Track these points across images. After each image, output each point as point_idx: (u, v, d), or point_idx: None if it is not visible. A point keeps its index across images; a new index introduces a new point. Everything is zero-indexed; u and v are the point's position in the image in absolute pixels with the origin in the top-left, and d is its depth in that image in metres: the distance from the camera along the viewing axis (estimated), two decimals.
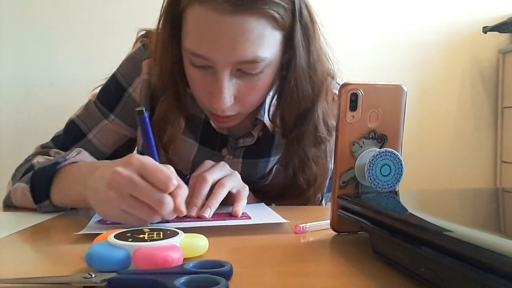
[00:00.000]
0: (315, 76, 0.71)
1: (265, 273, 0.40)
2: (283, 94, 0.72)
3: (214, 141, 0.79)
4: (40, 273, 0.39)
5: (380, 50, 1.85)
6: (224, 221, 0.56)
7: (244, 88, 0.66)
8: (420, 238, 0.33)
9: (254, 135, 0.78)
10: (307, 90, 0.71)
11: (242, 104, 0.68)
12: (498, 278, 0.25)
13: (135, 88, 0.78)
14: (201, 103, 0.72)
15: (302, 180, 0.76)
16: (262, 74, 0.66)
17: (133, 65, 0.79)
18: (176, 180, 0.51)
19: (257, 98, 0.70)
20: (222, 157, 0.79)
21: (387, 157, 0.48)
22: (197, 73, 0.66)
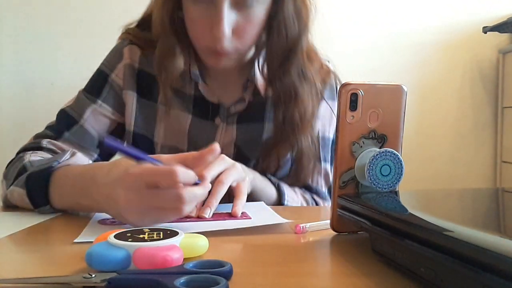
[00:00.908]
0: (300, 20, 0.77)
1: (265, 273, 0.40)
2: (270, 40, 0.77)
3: (207, 112, 0.82)
4: (40, 273, 0.39)
5: (380, 50, 1.85)
6: (224, 222, 0.56)
7: (241, 21, 0.72)
8: (420, 238, 0.33)
9: (246, 98, 0.81)
10: (290, 33, 0.76)
11: (239, 38, 0.73)
12: (498, 278, 0.25)
13: (118, 73, 0.83)
14: (200, 42, 0.75)
15: (290, 118, 0.78)
16: (256, 8, 0.72)
17: (114, 53, 0.85)
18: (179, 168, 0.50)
19: (251, 34, 0.74)
20: (216, 126, 0.82)
21: (387, 157, 0.48)
22: (198, 10, 0.71)
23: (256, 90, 0.82)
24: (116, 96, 0.83)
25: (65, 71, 1.75)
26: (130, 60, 0.82)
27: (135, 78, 0.82)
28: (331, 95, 0.87)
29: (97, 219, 0.58)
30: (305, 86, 0.79)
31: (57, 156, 0.68)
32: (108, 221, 0.56)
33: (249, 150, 0.82)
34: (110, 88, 0.82)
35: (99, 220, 0.57)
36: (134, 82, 0.82)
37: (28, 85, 1.75)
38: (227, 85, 0.83)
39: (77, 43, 1.75)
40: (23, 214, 0.65)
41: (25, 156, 0.74)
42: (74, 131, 0.81)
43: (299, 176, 0.83)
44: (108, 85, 0.82)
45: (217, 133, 0.82)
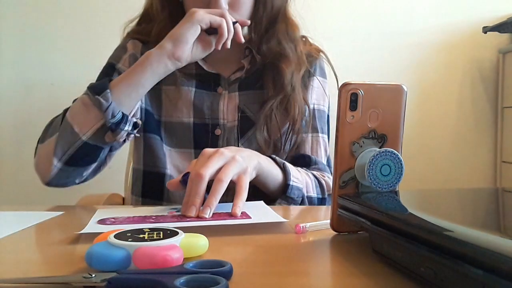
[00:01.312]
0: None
1: (265, 273, 0.40)
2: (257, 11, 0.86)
3: (209, 83, 0.88)
4: (40, 273, 0.39)
5: (380, 50, 1.85)
6: (224, 221, 0.56)
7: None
8: (420, 238, 0.33)
9: (245, 64, 0.88)
10: (275, 3, 0.86)
11: (234, 11, 0.81)
12: (498, 278, 0.25)
13: (123, 62, 0.89)
14: None
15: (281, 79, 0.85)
16: None
17: (119, 49, 0.92)
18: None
19: (245, 6, 0.83)
20: (219, 94, 0.88)
21: (387, 157, 0.48)
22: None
23: (254, 59, 0.88)
24: None
25: (65, 71, 1.75)
26: (134, 51, 0.89)
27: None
28: (321, 72, 0.94)
29: (97, 219, 0.58)
30: (291, 48, 0.87)
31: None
32: (108, 221, 0.56)
33: (252, 112, 0.87)
34: (117, 74, 0.86)
35: (99, 220, 0.57)
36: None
37: (28, 85, 1.75)
38: (226, 56, 0.88)
39: (77, 43, 1.75)
40: (23, 214, 0.65)
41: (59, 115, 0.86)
42: None
43: (300, 147, 0.87)
44: (116, 72, 0.88)
45: (220, 101, 0.88)
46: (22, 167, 1.69)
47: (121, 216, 0.59)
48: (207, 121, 0.87)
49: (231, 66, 0.90)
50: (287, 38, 0.87)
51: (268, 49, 0.87)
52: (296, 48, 0.88)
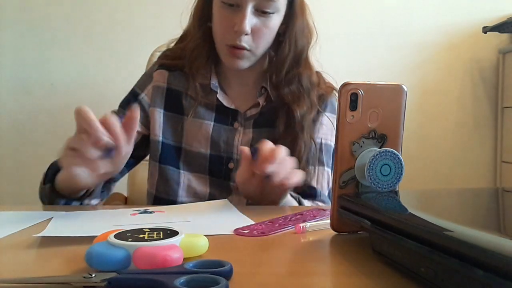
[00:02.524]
0: (305, 37, 0.92)
1: (265, 273, 0.40)
2: (279, 50, 0.91)
3: (226, 118, 0.93)
4: (40, 273, 0.39)
5: (380, 50, 1.85)
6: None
7: (258, 25, 0.85)
8: (420, 238, 0.33)
9: (260, 102, 0.93)
10: (299, 45, 0.91)
11: (254, 39, 0.86)
12: (498, 278, 0.25)
13: (146, 93, 0.95)
14: (221, 39, 0.88)
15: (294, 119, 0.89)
16: (273, 17, 0.86)
17: (146, 77, 0.98)
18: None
19: (266, 38, 0.88)
20: (235, 129, 0.93)
21: (387, 157, 0.48)
22: (225, 11, 0.85)
23: (269, 97, 0.93)
24: (143, 111, 0.94)
25: (65, 71, 1.75)
26: (159, 82, 0.95)
27: (164, 96, 0.94)
28: (331, 109, 0.97)
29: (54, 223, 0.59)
30: (308, 93, 0.91)
31: None
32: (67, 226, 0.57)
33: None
34: (139, 103, 0.94)
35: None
36: (162, 100, 0.94)
37: (28, 85, 1.75)
38: (244, 92, 0.95)
39: (77, 44, 1.75)
40: (23, 214, 0.65)
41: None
42: None
43: (305, 179, 0.87)
44: (137, 102, 0.94)
45: (235, 136, 0.92)
46: (22, 167, 1.69)
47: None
48: (222, 154, 0.92)
49: (247, 102, 0.94)
50: (308, 83, 0.92)
51: (290, 91, 0.91)
52: (311, 93, 0.92)
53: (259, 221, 0.58)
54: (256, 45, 0.87)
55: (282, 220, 0.58)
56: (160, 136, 0.93)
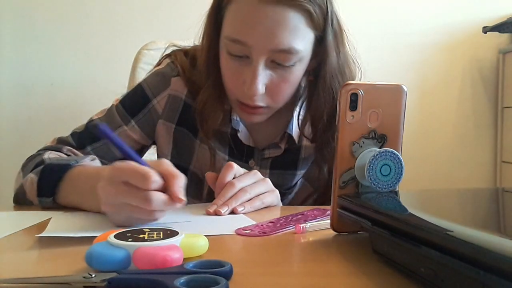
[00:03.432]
0: (344, 78, 0.76)
1: (265, 273, 0.40)
2: (313, 98, 0.77)
3: (241, 153, 0.82)
4: (40, 273, 0.39)
5: (381, 50, 1.85)
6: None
7: (276, 80, 0.70)
8: (420, 238, 0.33)
9: (281, 147, 0.81)
10: (336, 92, 0.74)
11: (272, 96, 0.72)
12: (498, 278, 0.25)
13: (159, 100, 0.81)
14: (232, 93, 0.75)
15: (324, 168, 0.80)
16: (294, 68, 0.70)
17: (161, 78, 0.82)
18: (156, 173, 0.51)
19: (286, 92, 0.73)
20: (250, 168, 0.81)
21: (387, 157, 0.48)
22: (233, 63, 0.71)
23: (292, 139, 0.82)
24: (151, 122, 0.82)
25: (65, 71, 1.75)
26: (177, 92, 0.82)
27: (180, 109, 0.82)
28: None
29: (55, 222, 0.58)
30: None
31: (78, 158, 0.70)
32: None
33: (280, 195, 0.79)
34: (148, 112, 0.82)
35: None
36: (176, 113, 0.82)
37: (28, 85, 1.75)
38: (264, 130, 0.83)
39: (77, 43, 1.75)
40: (23, 214, 0.65)
41: (45, 153, 0.75)
42: (97, 147, 0.80)
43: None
44: (147, 109, 0.82)
45: None
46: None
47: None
48: None
49: (266, 139, 0.83)
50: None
51: (330, 151, 0.79)
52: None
53: (260, 221, 0.58)
54: (274, 101, 0.73)
55: (283, 220, 0.58)
56: (168, 156, 0.83)
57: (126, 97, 0.84)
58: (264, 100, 0.72)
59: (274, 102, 0.73)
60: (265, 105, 0.73)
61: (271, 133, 0.83)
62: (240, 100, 0.73)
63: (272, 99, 0.72)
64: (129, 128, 0.81)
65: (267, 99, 0.72)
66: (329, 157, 0.79)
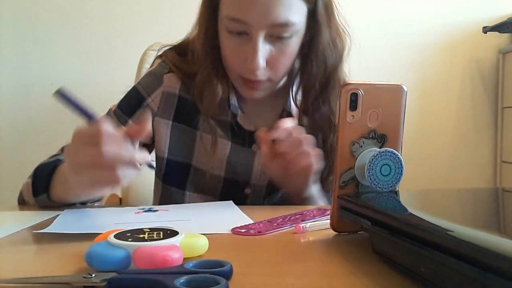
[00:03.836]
0: (336, 49, 0.80)
1: (265, 273, 0.40)
2: (306, 68, 0.80)
3: (244, 139, 0.84)
4: (40, 273, 0.39)
5: (380, 50, 1.85)
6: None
7: (275, 53, 0.74)
8: (420, 238, 0.33)
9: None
10: (328, 62, 0.79)
11: (272, 69, 0.75)
12: (498, 278, 0.25)
13: (154, 98, 0.84)
14: (234, 71, 0.78)
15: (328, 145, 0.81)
16: (291, 41, 0.74)
17: (153, 78, 0.85)
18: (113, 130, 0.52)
19: (285, 65, 0.77)
20: (253, 152, 0.83)
21: (387, 157, 0.48)
22: (233, 41, 0.74)
23: (291, 117, 0.83)
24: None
25: (65, 71, 1.75)
26: (170, 88, 0.84)
27: (175, 105, 0.83)
28: None
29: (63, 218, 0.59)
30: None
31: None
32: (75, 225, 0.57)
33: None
34: (143, 111, 0.83)
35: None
36: (172, 109, 0.83)
37: (28, 85, 1.75)
38: (263, 113, 0.85)
39: (77, 43, 1.75)
40: (23, 214, 0.65)
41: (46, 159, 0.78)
42: None
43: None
44: (142, 108, 0.84)
45: (254, 160, 0.84)
46: (22, 167, 1.69)
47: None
48: (238, 179, 0.84)
49: (267, 121, 0.84)
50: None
51: (321, 116, 0.82)
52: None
53: (257, 220, 0.58)
54: (275, 74, 0.77)
55: (281, 219, 0.58)
56: (166, 152, 0.84)
57: (122, 100, 0.86)
58: (265, 74, 0.75)
59: (275, 75, 0.77)
60: (267, 78, 0.76)
61: (270, 114, 0.85)
62: (243, 76, 0.76)
63: (272, 72, 0.76)
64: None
65: (268, 72, 0.76)
66: (321, 123, 0.82)
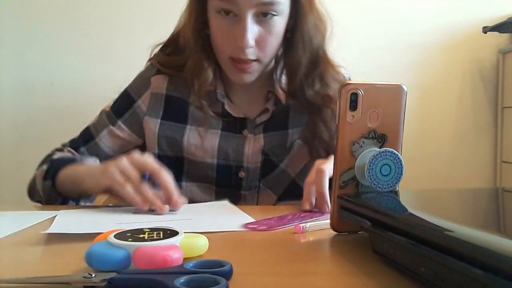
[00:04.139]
0: (318, 32, 0.84)
1: (265, 273, 0.40)
2: (290, 52, 0.83)
3: (234, 126, 0.87)
4: (40, 273, 0.39)
5: (380, 50, 1.85)
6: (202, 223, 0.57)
7: (262, 33, 0.78)
8: (420, 238, 0.33)
9: (269, 108, 0.87)
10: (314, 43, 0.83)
11: (261, 49, 0.79)
12: (498, 278, 0.25)
13: (144, 100, 0.89)
14: (224, 53, 0.81)
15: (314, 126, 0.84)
16: (277, 21, 0.78)
17: (142, 81, 0.90)
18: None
19: (272, 45, 0.81)
20: (244, 137, 0.87)
21: (387, 157, 0.48)
22: (223, 22, 0.78)
23: (278, 99, 0.87)
24: (137, 120, 0.88)
25: (65, 71, 1.75)
26: (158, 88, 0.88)
27: (163, 104, 0.88)
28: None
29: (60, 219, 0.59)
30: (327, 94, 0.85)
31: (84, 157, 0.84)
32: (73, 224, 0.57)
33: (276, 156, 0.87)
34: (133, 111, 0.88)
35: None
36: (160, 109, 0.87)
37: (28, 85, 1.75)
38: (251, 99, 0.89)
39: (77, 43, 1.75)
40: (23, 214, 0.65)
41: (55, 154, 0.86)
42: (90, 147, 0.88)
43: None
44: (133, 109, 0.89)
45: (245, 144, 0.87)
46: (22, 167, 1.69)
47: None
48: (231, 163, 0.86)
49: (255, 108, 0.88)
50: (333, 82, 0.85)
51: (308, 98, 0.84)
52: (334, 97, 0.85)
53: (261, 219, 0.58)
54: (263, 54, 0.80)
55: (290, 216, 0.59)
56: (155, 148, 0.87)
57: (115, 102, 0.91)
58: (254, 54, 0.79)
59: (263, 54, 0.80)
60: (255, 58, 0.79)
61: (257, 99, 0.89)
62: (233, 56, 0.79)
63: (261, 51, 0.79)
64: (116, 127, 0.88)
65: (257, 52, 0.79)
66: (307, 105, 0.85)
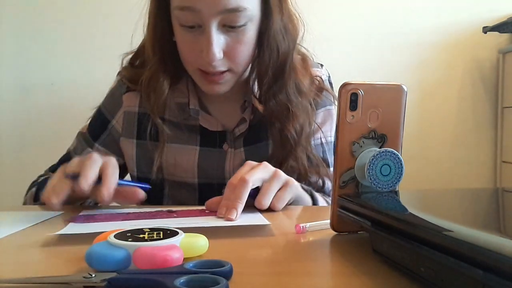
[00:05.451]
0: (288, 34, 0.78)
1: (265, 273, 0.40)
2: (259, 55, 0.78)
3: (214, 140, 0.82)
4: (40, 273, 0.39)
5: (380, 50, 1.85)
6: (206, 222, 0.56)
7: (231, 42, 0.72)
8: (420, 238, 0.33)
9: (246, 118, 0.82)
10: (281, 49, 0.77)
11: (231, 59, 0.74)
12: (498, 278, 0.25)
13: (118, 119, 0.86)
14: (191, 65, 0.76)
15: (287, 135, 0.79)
16: (246, 29, 0.72)
17: (113, 99, 0.87)
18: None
19: (243, 54, 0.75)
20: (224, 152, 0.83)
21: (387, 157, 0.48)
22: (187, 35, 0.72)
23: (255, 108, 0.82)
24: (113, 141, 0.86)
25: (65, 71, 1.75)
26: (130, 107, 0.85)
27: (136, 122, 0.84)
28: (324, 103, 0.87)
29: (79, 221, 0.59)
30: (299, 101, 0.80)
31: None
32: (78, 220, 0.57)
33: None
34: (109, 133, 0.86)
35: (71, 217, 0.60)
36: (134, 128, 0.84)
37: (28, 85, 1.75)
38: (228, 108, 0.84)
39: (76, 44, 1.75)
40: (23, 214, 0.65)
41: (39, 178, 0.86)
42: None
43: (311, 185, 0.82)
44: (107, 131, 0.86)
45: (226, 159, 0.83)
46: (22, 167, 1.69)
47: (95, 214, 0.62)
48: (213, 181, 0.82)
49: (233, 118, 0.84)
50: (297, 91, 0.80)
51: (277, 104, 0.79)
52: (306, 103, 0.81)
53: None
54: (234, 64, 0.75)
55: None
56: (135, 171, 0.84)
57: (90, 124, 0.89)
58: (224, 65, 0.74)
59: (235, 65, 0.75)
60: (227, 68, 0.74)
61: (234, 108, 0.84)
62: (201, 69, 0.75)
63: (232, 62, 0.74)
64: (94, 150, 0.84)
65: (227, 62, 0.74)
66: (276, 112, 0.79)
